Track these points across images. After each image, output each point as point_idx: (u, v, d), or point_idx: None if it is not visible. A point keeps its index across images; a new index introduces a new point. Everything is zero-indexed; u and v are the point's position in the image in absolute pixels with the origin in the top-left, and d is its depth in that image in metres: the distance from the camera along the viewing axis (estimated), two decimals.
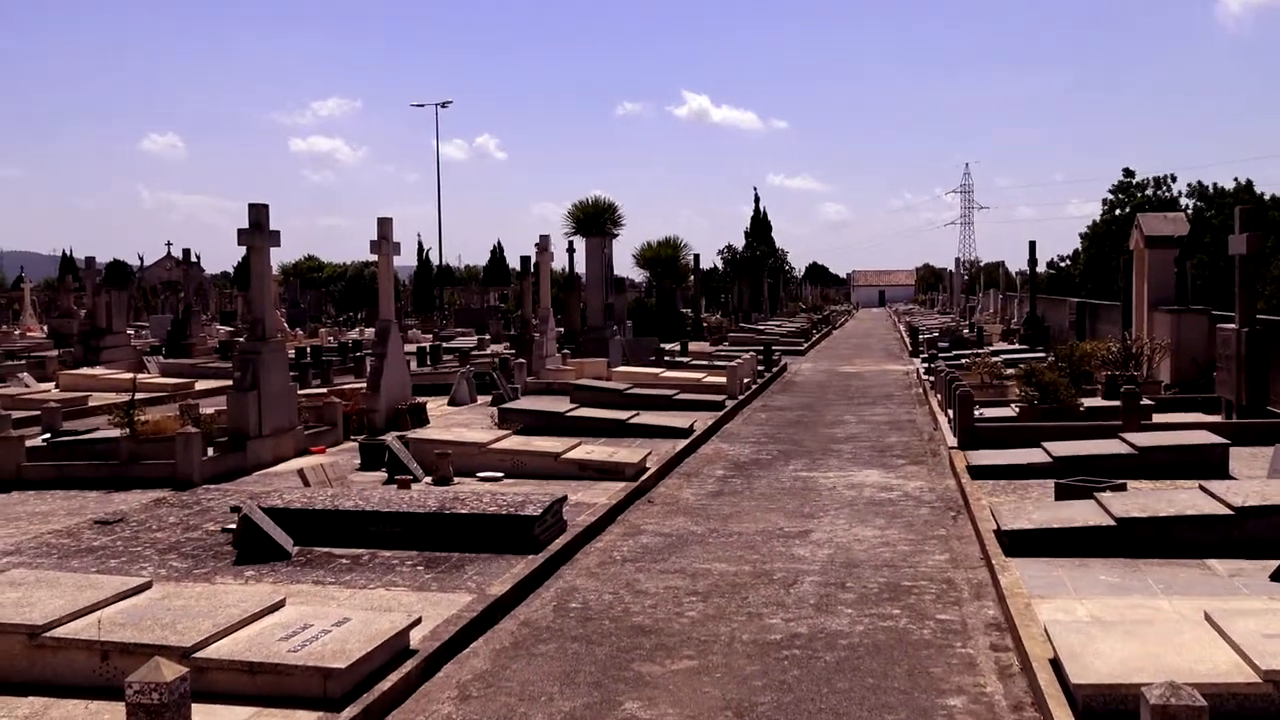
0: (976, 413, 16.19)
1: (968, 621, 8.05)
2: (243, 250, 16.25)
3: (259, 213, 15.33)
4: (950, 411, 17.50)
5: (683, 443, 16.56)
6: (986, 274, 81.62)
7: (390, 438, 14.72)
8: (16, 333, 49.38)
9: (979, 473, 13.19)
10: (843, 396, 24.74)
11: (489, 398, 21.96)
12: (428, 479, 13.47)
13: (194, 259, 43.33)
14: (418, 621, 7.31)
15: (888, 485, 13.65)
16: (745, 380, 24.26)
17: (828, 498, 12.95)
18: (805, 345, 42.26)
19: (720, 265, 72.38)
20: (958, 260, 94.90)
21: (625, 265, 72.26)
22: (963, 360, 26.85)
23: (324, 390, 21.62)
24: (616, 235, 36.03)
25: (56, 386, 25.70)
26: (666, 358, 30.49)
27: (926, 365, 29.42)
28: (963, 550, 10.19)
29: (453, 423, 19.04)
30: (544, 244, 28.92)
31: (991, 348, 32.07)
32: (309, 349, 32.09)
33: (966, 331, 41.98)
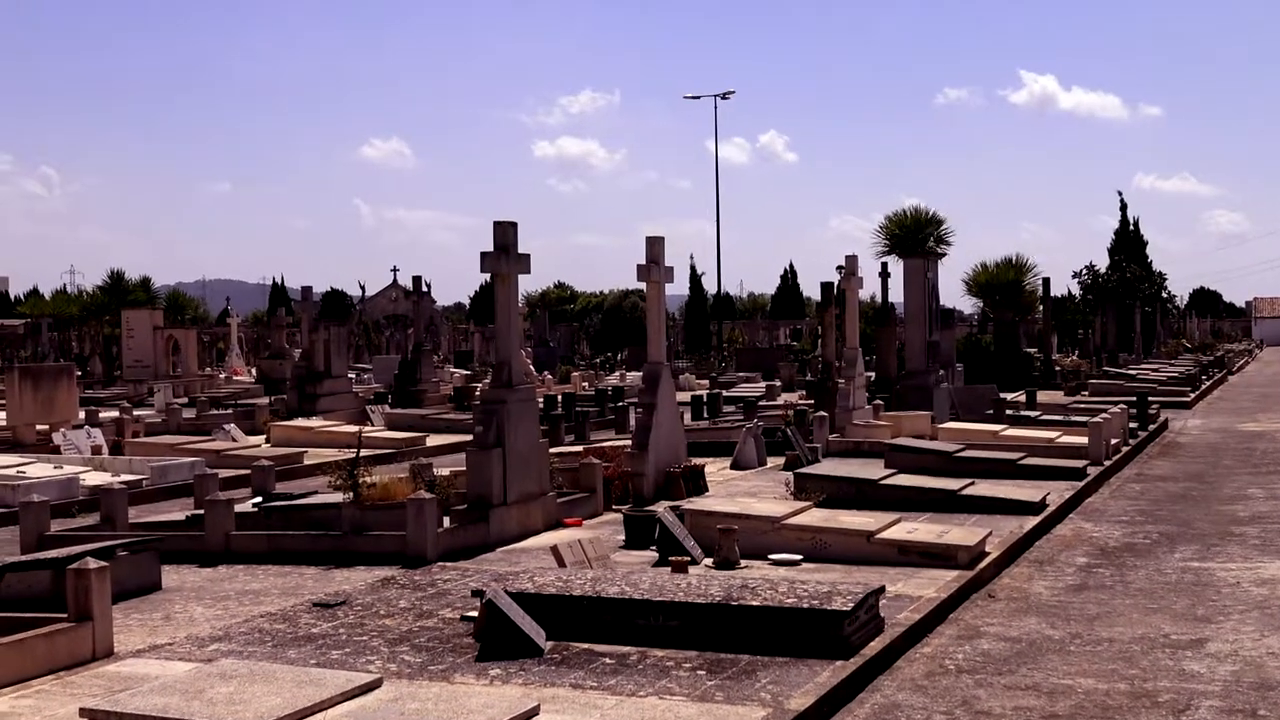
0: None
1: None
2: (481, 277, 16.78)
3: (506, 232, 15.85)
4: None
5: (1032, 521, 16.17)
6: None
7: (661, 509, 14.91)
8: (222, 375, 52.70)
9: None
10: (1244, 463, 23.69)
11: (781, 460, 22.00)
12: (708, 561, 13.56)
13: (424, 287, 45.21)
14: None
15: None
16: (1112, 441, 23.54)
17: (1228, 596, 12.41)
18: (1191, 395, 40.69)
19: (1076, 292, 70.58)
20: None
21: (953, 293, 71.36)
22: None
23: (579, 448, 22.10)
24: (942, 255, 35.79)
25: (267, 441, 27.22)
26: (1008, 411, 29.87)
27: None
28: None
29: (737, 491, 19.13)
30: (850, 267, 28.88)
31: None
32: (560, 397, 32.93)
33: None
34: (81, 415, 29.05)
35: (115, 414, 30.43)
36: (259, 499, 16.91)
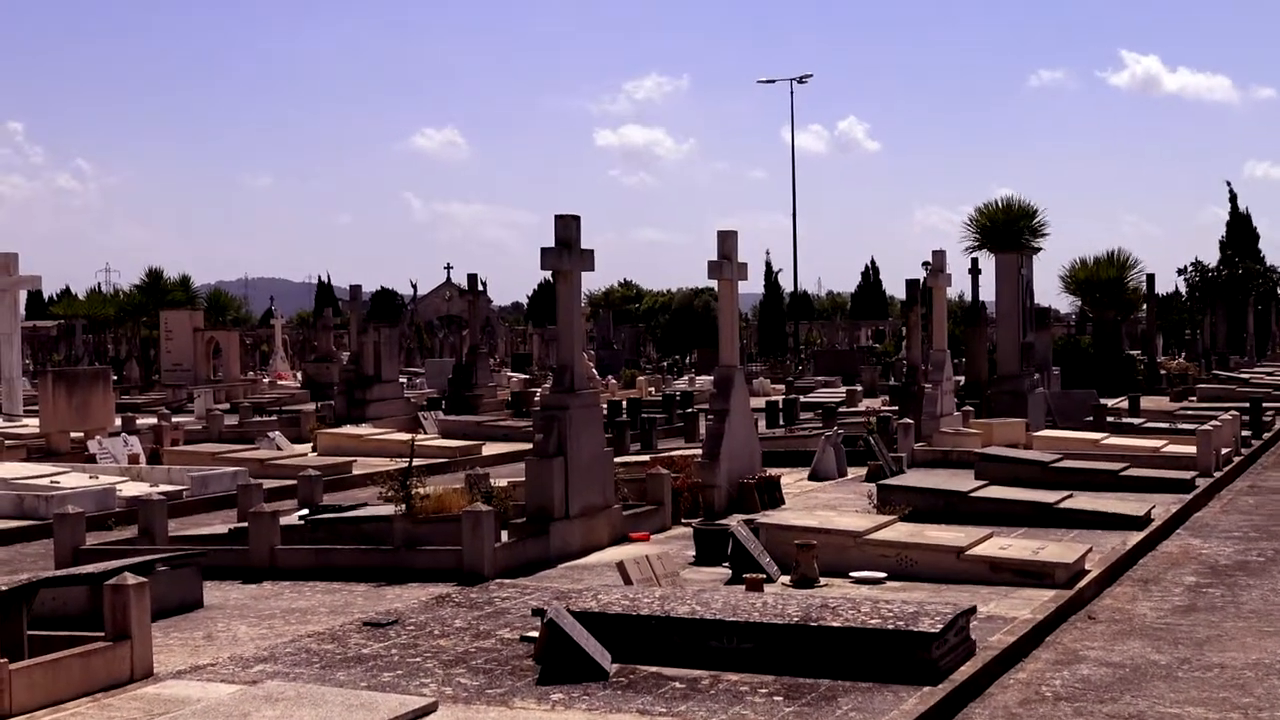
0: None
1: None
2: (540, 275, 16.84)
3: (568, 226, 15.89)
4: None
5: (1135, 536, 16.05)
6: None
7: (735, 522, 14.90)
8: (266, 380, 53.17)
9: None
10: None
11: (863, 470, 21.92)
12: (785, 578, 13.54)
13: (480, 286, 45.48)
14: None
15: None
16: (1223, 450, 23.30)
17: None
18: None
19: (1183, 289, 69.92)
20: None
21: (1049, 290, 70.86)
22: None
23: (646, 458, 22.12)
24: (1037, 250, 35.52)
25: (314, 449, 27.42)
26: (1109, 418, 29.64)
27: None
28: None
29: (816, 503, 19.10)
30: (937, 262, 28.74)
31: None
32: (625, 403, 32.97)
33: None
34: (118, 422, 29.40)
35: (153, 421, 30.71)
36: (305, 511, 17.03)
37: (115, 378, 40.37)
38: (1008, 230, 37.44)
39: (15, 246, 34.71)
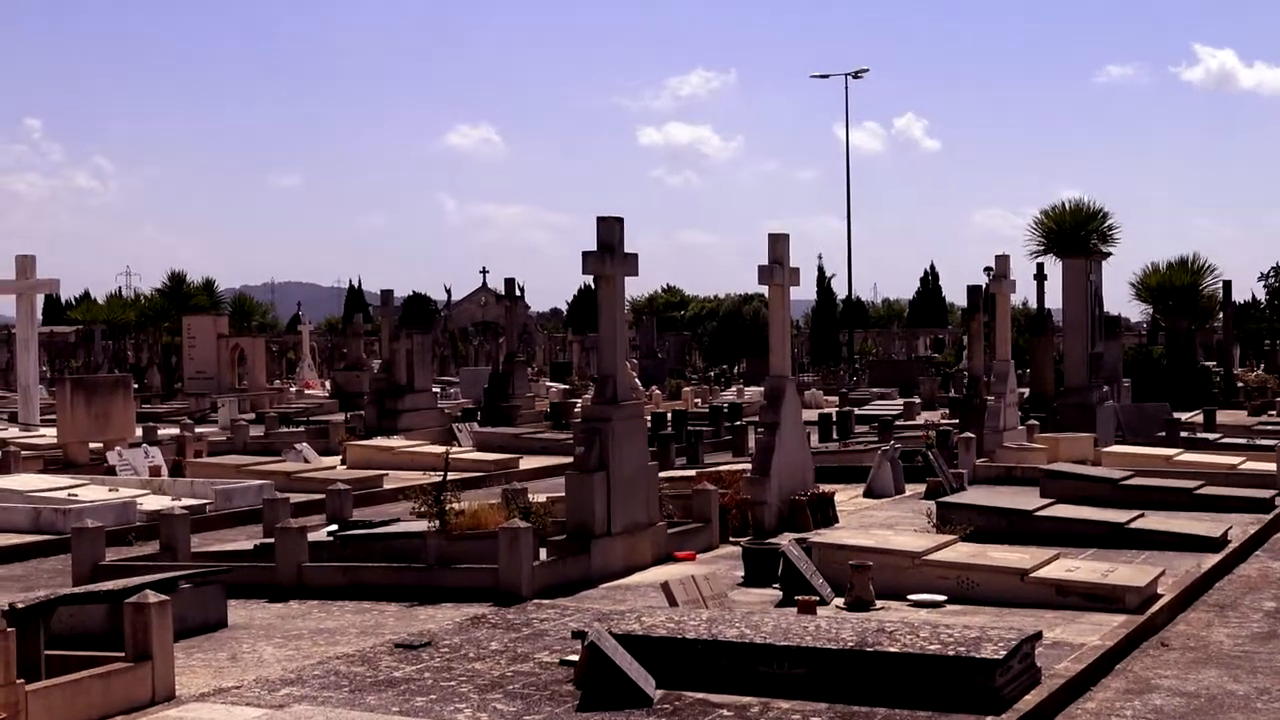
0: None
1: None
2: (581, 280, 16.86)
3: (611, 229, 15.92)
4: None
5: (1212, 559, 15.96)
6: None
7: (786, 541, 14.88)
8: (293, 389, 53.39)
9: None
10: None
11: (921, 487, 21.88)
12: (838, 601, 13.52)
13: (517, 291, 45.55)
14: None
15: None
16: None
17: None
18: None
19: (1261, 296, 69.48)
20: None
21: (1119, 297, 70.52)
22: None
23: (692, 473, 22.12)
24: (1106, 255, 35.30)
25: (343, 462, 27.53)
26: (1182, 433, 29.49)
27: None
28: None
29: (871, 522, 19.06)
30: (1000, 268, 28.66)
31: None
32: (670, 415, 32.97)
33: None
34: (139, 432, 29.54)
35: (175, 431, 30.94)
36: (334, 527, 17.09)
37: (136, 386, 40.68)
38: (1075, 234, 37.30)
39: (32, 248, 35.16)
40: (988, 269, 30.38)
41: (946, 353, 69.31)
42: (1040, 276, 38.85)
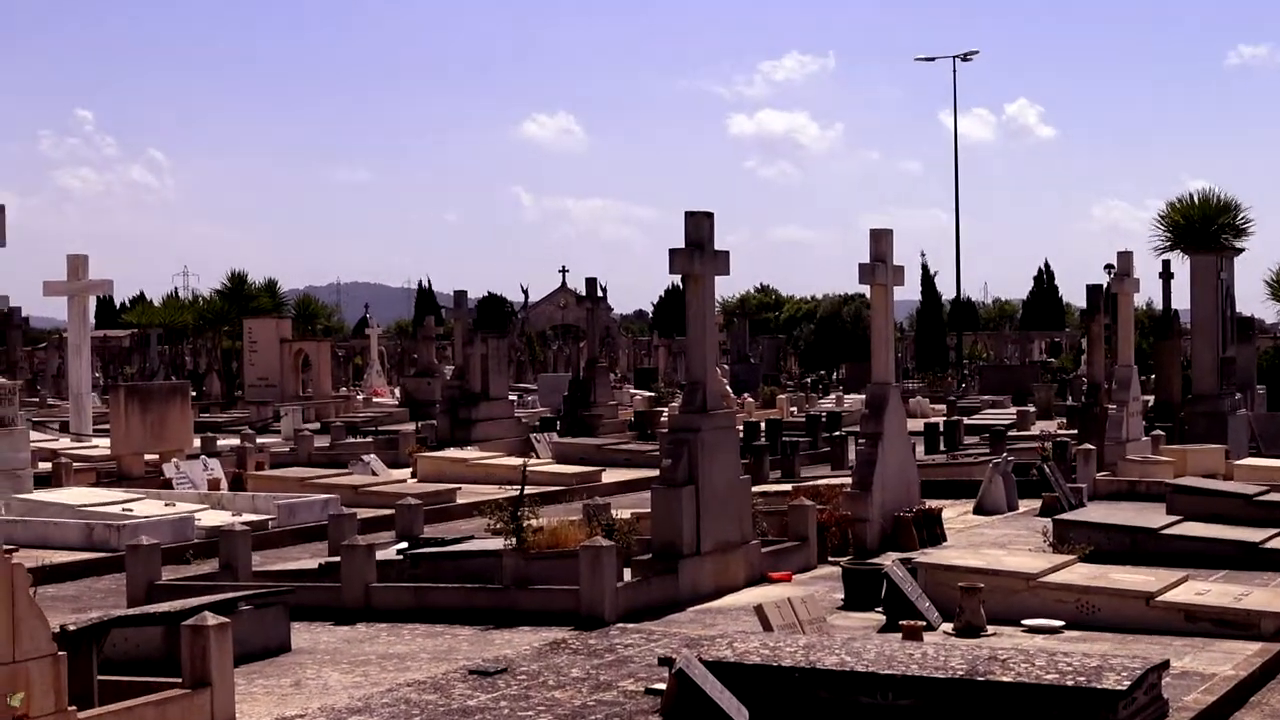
0: None
1: None
2: (667, 280, 16.86)
3: (700, 225, 15.90)
4: None
5: None
6: None
7: (889, 561, 14.82)
8: (360, 396, 53.74)
9: None
10: None
11: (1036, 503, 21.73)
12: (946, 626, 13.45)
13: (599, 292, 45.65)
14: None
15: None
16: None
17: None
18: None
19: None
20: None
21: (1252, 297, 69.77)
22: None
23: (788, 487, 22.07)
24: (1239, 251, 34.88)
25: (414, 475, 27.65)
26: None
27: None
28: None
29: (982, 540, 18.93)
30: (1122, 266, 28.46)
31: None
32: (763, 424, 32.93)
33: None
34: (197, 443, 29.84)
35: (235, 442, 31.16)
36: (404, 545, 17.14)
37: (194, 393, 41.00)
38: (1204, 228, 36.83)
39: (85, 247, 35.58)
40: (1108, 266, 30.17)
41: (1063, 357, 68.79)
42: (1166, 274, 38.48)
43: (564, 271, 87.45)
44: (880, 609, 14.12)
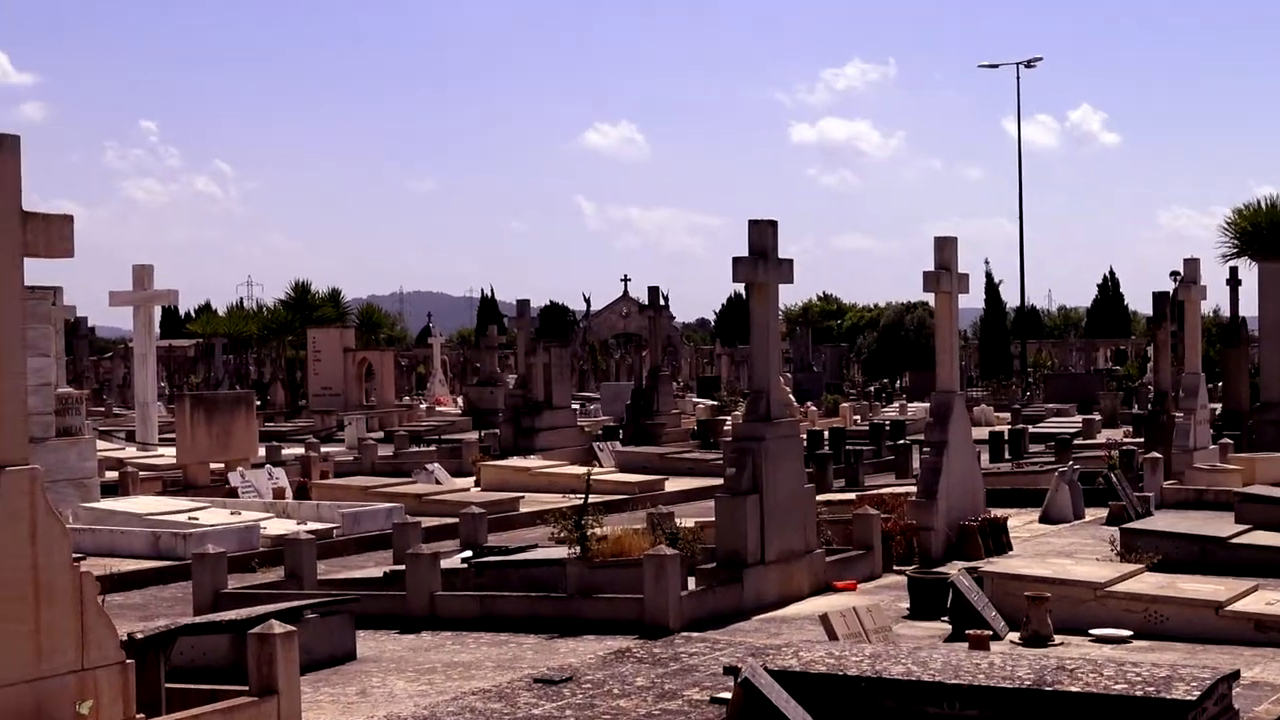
0: None
1: None
2: (730, 288, 16.86)
3: (764, 233, 15.90)
4: None
5: None
6: None
7: (955, 570, 14.78)
8: (423, 405, 53.94)
9: None
10: None
11: (1103, 512, 21.62)
12: (1013, 635, 13.40)
13: (661, 300, 45.76)
14: None
15: None
16: None
17: None
18: None
19: None
20: None
21: None
22: None
23: (852, 496, 22.03)
24: None
25: (477, 483, 27.72)
26: None
27: None
28: None
29: (1048, 549, 18.86)
30: (1190, 273, 28.29)
31: None
32: (826, 433, 32.86)
33: None
34: (261, 452, 29.97)
35: (300, 451, 31.34)
36: (469, 553, 17.19)
37: (258, 402, 41.31)
38: (1273, 234, 36.67)
39: (150, 257, 36.00)
40: (1174, 274, 29.95)
41: (1129, 365, 68.36)
42: (1234, 281, 38.28)
43: (626, 280, 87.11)
44: (946, 618, 14.07)
